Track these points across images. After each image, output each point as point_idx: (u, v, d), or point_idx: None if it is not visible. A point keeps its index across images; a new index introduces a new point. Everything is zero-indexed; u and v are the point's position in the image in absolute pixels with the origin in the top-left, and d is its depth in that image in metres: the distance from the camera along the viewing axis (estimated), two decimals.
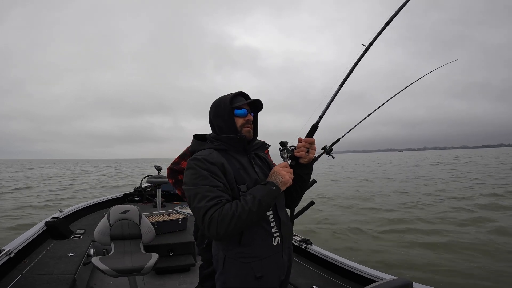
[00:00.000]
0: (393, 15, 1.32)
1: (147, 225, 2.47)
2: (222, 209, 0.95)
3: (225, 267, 1.09)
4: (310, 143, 1.17)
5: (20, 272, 2.05)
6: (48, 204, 10.80)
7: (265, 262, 1.08)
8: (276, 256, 1.11)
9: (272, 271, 1.10)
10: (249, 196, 0.99)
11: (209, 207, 0.95)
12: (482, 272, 4.30)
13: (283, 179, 1.04)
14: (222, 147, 1.15)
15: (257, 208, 0.97)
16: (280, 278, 1.14)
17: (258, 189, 1.03)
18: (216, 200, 0.97)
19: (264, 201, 0.99)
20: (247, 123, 1.18)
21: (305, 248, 2.65)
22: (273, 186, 1.03)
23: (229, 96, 1.18)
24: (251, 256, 1.07)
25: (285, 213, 1.22)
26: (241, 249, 1.07)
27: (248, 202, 0.97)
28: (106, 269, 1.95)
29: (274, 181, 1.05)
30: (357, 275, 2.12)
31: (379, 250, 5.45)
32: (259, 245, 1.08)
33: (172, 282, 2.69)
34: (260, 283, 1.06)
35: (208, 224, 0.94)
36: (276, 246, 1.11)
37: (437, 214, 8.06)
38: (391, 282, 1.00)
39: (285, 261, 1.16)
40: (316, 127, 1.25)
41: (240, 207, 0.96)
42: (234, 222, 0.94)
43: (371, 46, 1.32)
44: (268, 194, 1.01)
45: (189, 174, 1.05)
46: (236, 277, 1.07)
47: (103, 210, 4.34)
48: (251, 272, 1.06)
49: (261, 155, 1.30)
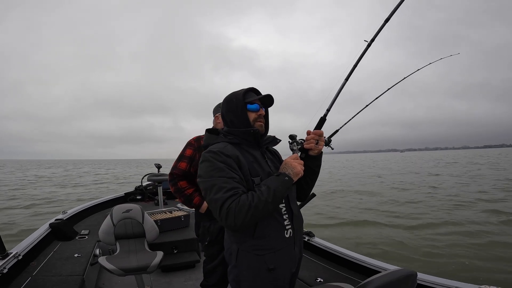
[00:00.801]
0: (392, 11, 1.33)
1: (150, 223, 2.49)
2: (239, 200, 0.96)
3: (238, 260, 1.11)
4: (319, 135, 1.20)
5: (30, 274, 2.07)
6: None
7: (278, 254, 1.10)
8: (288, 248, 1.13)
9: (285, 263, 1.12)
10: (264, 187, 1.01)
11: (226, 198, 0.97)
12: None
13: (295, 170, 1.07)
14: (235, 141, 1.16)
15: (272, 199, 0.99)
16: (292, 270, 1.16)
17: (272, 180, 1.04)
18: (233, 191, 0.98)
19: (278, 191, 1.01)
20: (260, 118, 1.20)
21: (308, 241, 2.68)
22: (286, 177, 1.04)
23: (241, 92, 1.20)
24: (265, 249, 1.08)
25: (297, 206, 1.24)
26: (254, 241, 1.08)
27: (264, 193, 0.99)
28: (113, 268, 1.97)
29: (286, 172, 1.07)
30: (361, 266, 2.14)
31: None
32: (273, 237, 1.09)
33: (178, 279, 2.72)
34: (272, 275, 1.08)
35: (225, 215, 0.95)
36: (289, 238, 1.13)
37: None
38: (395, 272, 1.01)
39: (297, 253, 1.18)
40: (324, 120, 1.27)
41: (257, 198, 0.97)
42: (251, 213, 0.95)
43: (373, 42, 1.34)
44: (282, 185, 1.02)
45: (205, 167, 1.06)
46: (249, 270, 1.09)
47: (105, 210, 4.36)
48: (264, 264, 1.07)
49: (272, 150, 1.33)
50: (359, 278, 2.07)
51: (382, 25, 1.33)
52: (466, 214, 7.45)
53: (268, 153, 1.27)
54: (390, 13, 1.34)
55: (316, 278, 2.09)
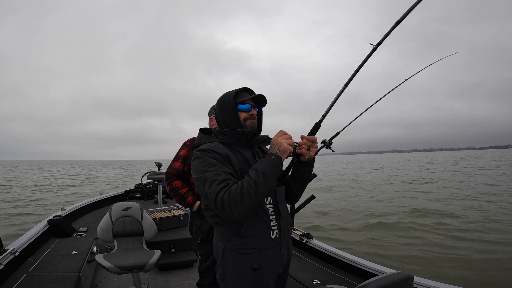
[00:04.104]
0: (404, 15, 1.26)
1: (149, 222, 2.49)
2: (231, 190, 0.97)
3: (224, 257, 1.12)
4: (311, 141, 1.17)
5: (26, 271, 2.07)
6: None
7: (263, 254, 1.09)
8: (274, 249, 1.13)
9: (270, 263, 1.11)
10: (252, 171, 1.02)
11: (218, 190, 0.98)
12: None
13: (282, 147, 1.06)
14: (226, 141, 1.17)
15: (263, 179, 0.99)
16: (278, 271, 1.16)
17: (259, 162, 1.05)
18: (224, 183, 0.99)
19: (267, 171, 1.01)
20: (251, 118, 1.20)
21: (306, 243, 2.67)
22: (273, 156, 1.05)
23: (233, 92, 1.20)
24: (249, 247, 1.08)
25: (285, 207, 1.23)
26: (240, 240, 1.09)
27: (252, 176, 0.99)
28: (110, 266, 1.97)
29: (273, 151, 1.07)
30: (358, 269, 2.14)
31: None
32: (258, 237, 1.09)
33: (175, 278, 2.71)
34: (257, 274, 1.08)
35: (221, 207, 0.96)
36: (275, 239, 1.12)
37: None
38: (392, 275, 1.01)
39: (284, 255, 1.17)
40: (319, 126, 1.24)
41: (246, 183, 0.98)
42: (244, 199, 0.95)
43: (379, 46, 1.29)
44: (269, 164, 1.03)
45: (197, 163, 1.08)
46: (234, 268, 1.09)
47: (104, 208, 4.36)
48: (249, 263, 1.08)
49: (265, 149, 1.32)
50: (356, 280, 2.07)
51: (392, 28, 1.27)
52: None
53: (261, 153, 1.27)
54: (402, 16, 1.26)
55: (313, 280, 2.09)
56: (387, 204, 9.46)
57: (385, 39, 1.28)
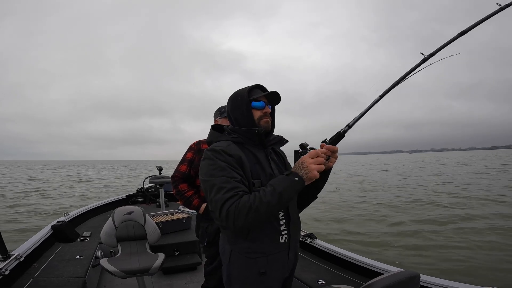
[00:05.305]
0: (471, 26, 1.18)
1: (152, 226, 2.49)
2: (239, 202, 0.92)
3: (231, 260, 1.09)
4: (332, 151, 1.08)
5: (31, 276, 2.07)
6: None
7: (270, 258, 1.07)
8: (282, 254, 1.10)
9: (277, 268, 1.09)
10: (269, 188, 0.94)
11: (226, 199, 0.93)
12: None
13: (310, 174, 0.95)
14: (239, 140, 1.13)
15: (278, 201, 0.92)
16: (284, 275, 1.14)
17: (279, 180, 0.96)
18: (233, 192, 0.94)
19: (286, 193, 0.93)
20: (265, 116, 1.15)
21: (310, 243, 2.67)
22: (296, 178, 0.94)
23: (246, 89, 1.16)
24: (256, 252, 1.06)
25: (296, 212, 1.20)
26: (247, 244, 1.06)
27: (267, 194, 0.92)
28: (114, 270, 1.97)
29: (299, 173, 0.96)
30: (363, 268, 2.13)
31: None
32: (266, 241, 1.07)
33: (179, 281, 2.71)
34: (263, 279, 1.06)
35: (225, 217, 0.92)
36: (283, 243, 1.10)
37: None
38: (398, 274, 1.01)
39: (291, 259, 1.15)
40: (342, 136, 1.14)
41: (258, 200, 0.92)
42: (251, 216, 0.91)
43: (431, 56, 1.20)
44: (290, 187, 0.94)
45: (206, 165, 1.03)
46: (240, 271, 1.07)
47: (107, 212, 4.37)
48: (256, 267, 1.05)
49: (278, 151, 1.28)
50: (361, 280, 2.06)
51: (453, 39, 1.19)
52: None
53: (273, 153, 1.22)
54: (469, 27, 1.18)
55: (318, 280, 2.08)
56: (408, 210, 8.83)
57: (439, 51, 1.20)
